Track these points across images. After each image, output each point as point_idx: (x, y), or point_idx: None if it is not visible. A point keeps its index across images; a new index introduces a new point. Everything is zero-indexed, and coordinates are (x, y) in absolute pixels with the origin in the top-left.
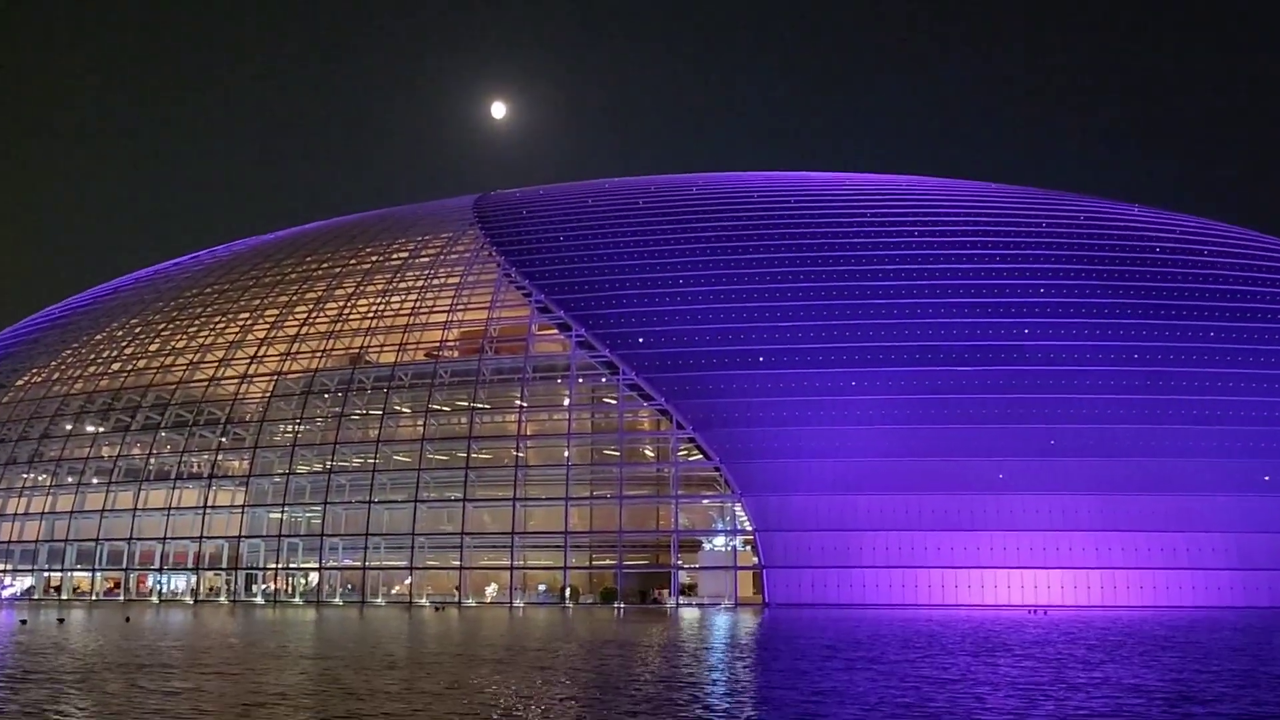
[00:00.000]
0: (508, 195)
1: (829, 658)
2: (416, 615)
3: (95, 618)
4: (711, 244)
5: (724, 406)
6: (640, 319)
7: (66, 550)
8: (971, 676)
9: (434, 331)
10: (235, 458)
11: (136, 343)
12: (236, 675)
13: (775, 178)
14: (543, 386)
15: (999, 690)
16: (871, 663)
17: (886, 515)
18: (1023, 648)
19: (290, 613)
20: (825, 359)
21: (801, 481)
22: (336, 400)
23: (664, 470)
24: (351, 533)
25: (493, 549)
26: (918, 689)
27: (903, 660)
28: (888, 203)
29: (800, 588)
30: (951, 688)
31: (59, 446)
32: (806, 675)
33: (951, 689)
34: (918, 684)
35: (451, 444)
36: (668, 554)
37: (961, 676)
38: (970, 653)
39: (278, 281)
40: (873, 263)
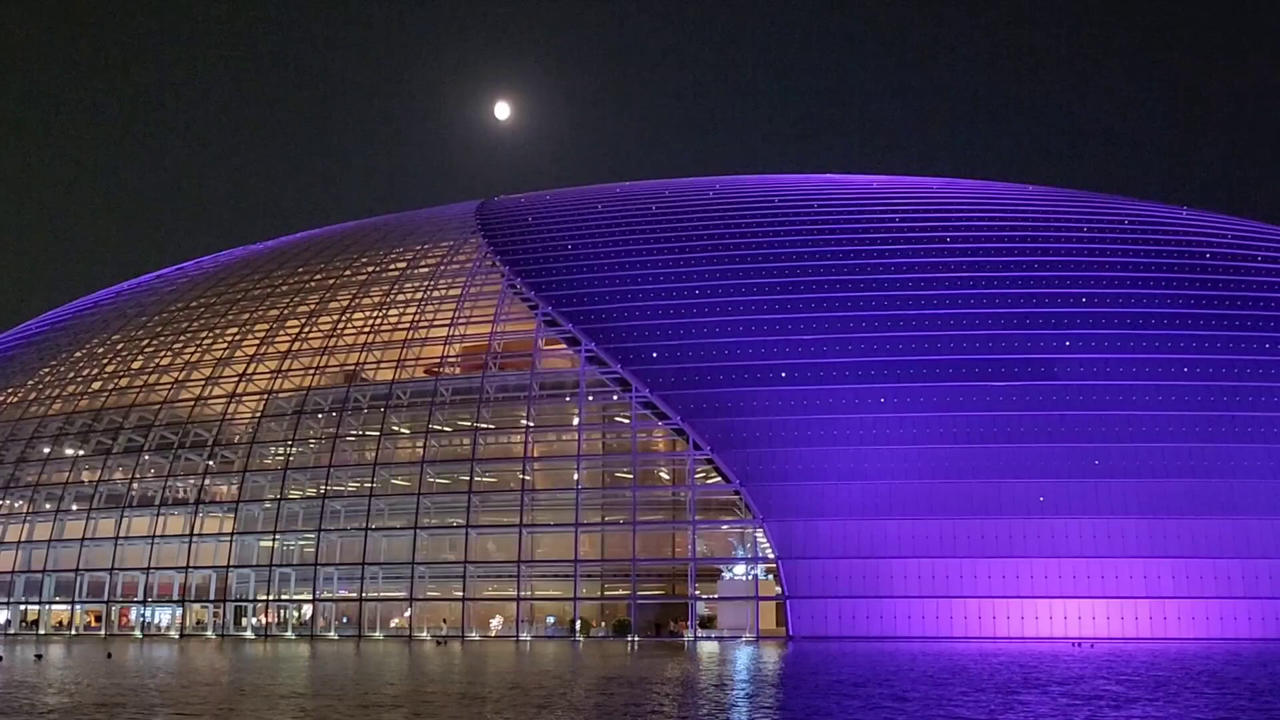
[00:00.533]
0: (512, 201)
1: (849, 695)
2: (417, 650)
3: (75, 654)
4: (731, 251)
5: (744, 425)
6: (654, 332)
7: (44, 581)
8: (1000, 718)
9: (434, 347)
10: (223, 482)
11: (119, 360)
12: (224, 716)
13: (798, 180)
14: (550, 405)
15: None
16: (897, 700)
17: (919, 541)
18: (1060, 684)
19: (282, 647)
20: (852, 374)
21: (828, 505)
22: (331, 420)
23: (680, 494)
24: (347, 561)
25: (498, 579)
26: None
27: (930, 698)
28: (918, 206)
29: (827, 620)
30: None
31: (36, 471)
32: (824, 715)
33: None
34: None
35: (453, 467)
36: (685, 584)
37: (988, 717)
38: (1003, 690)
39: (268, 294)
40: (902, 270)
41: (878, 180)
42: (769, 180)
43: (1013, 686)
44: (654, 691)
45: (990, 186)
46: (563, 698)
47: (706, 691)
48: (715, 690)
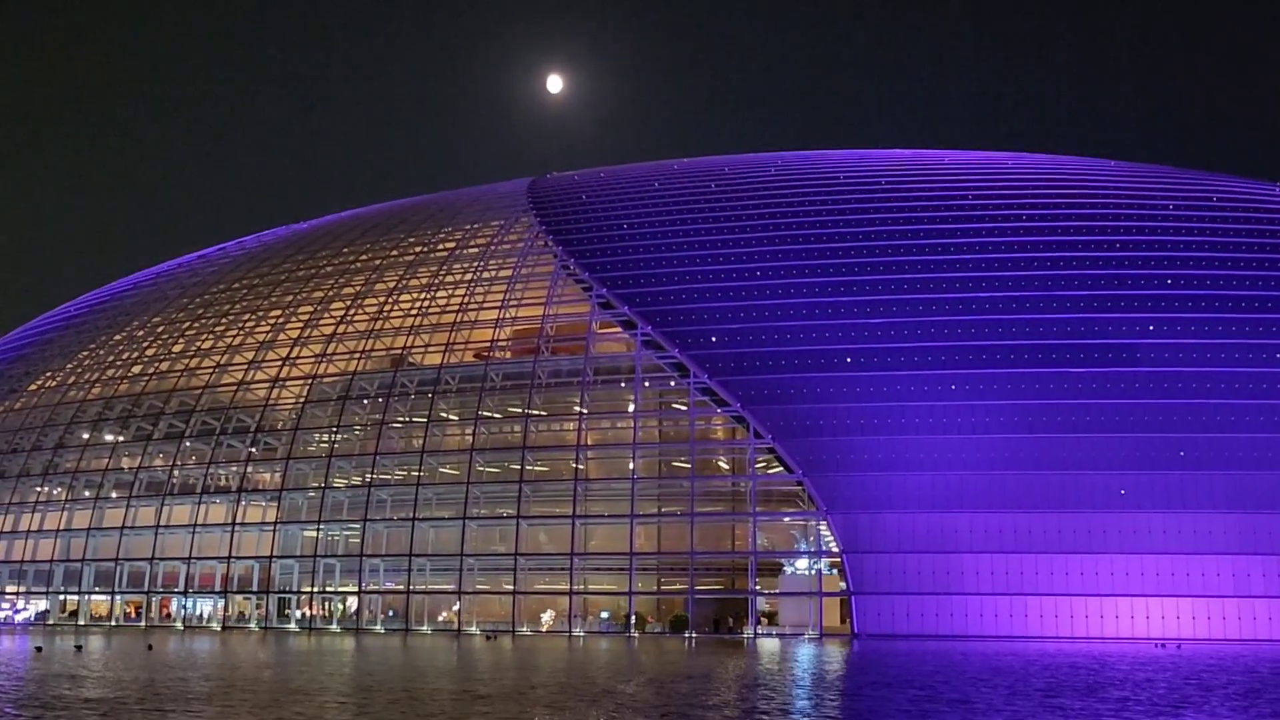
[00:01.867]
0: (565, 178)
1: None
2: (465, 645)
3: (115, 645)
4: (793, 231)
5: (807, 413)
6: (713, 316)
7: (84, 571)
8: None
9: (484, 330)
10: (266, 470)
11: (159, 343)
12: (266, 712)
13: (864, 156)
14: (605, 391)
15: None
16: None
17: (992, 535)
18: (1116, 687)
19: (326, 641)
20: (921, 359)
21: (895, 497)
22: (377, 406)
23: (740, 484)
24: (393, 553)
25: (550, 571)
26: None
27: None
28: (991, 182)
29: (894, 617)
30: None
31: (75, 457)
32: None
33: None
34: None
35: (504, 455)
36: (744, 578)
37: None
38: (1046, 692)
39: (313, 275)
40: (975, 250)
41: (949, 155)
42: (834, 156)
43: (1059, 689)
44: (713, 690)
45: (1068, 161)
46: (633, 696)
47: (768, 692)
48: (774, 693)
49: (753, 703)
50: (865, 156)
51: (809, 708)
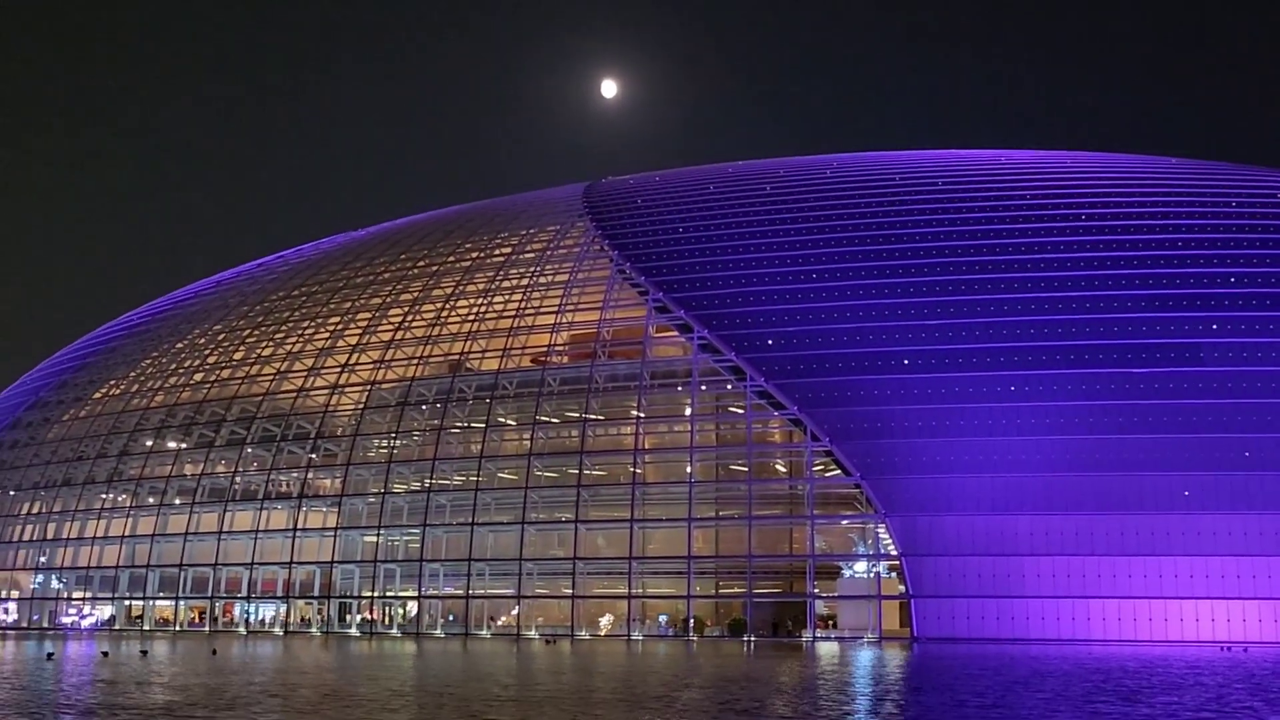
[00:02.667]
0: (620, 183)
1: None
2: (525, 649)
3: (179, 650)
4: (849, 233)
5: (865, 415)
6: (769, 319)
7: (148, 577)
8: None
9: (541, 335)
10: (326, 476)
11: (220, 351)
12: (333, 714)
13: (920, 156)
14: (662, 395)
15: None
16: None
17: (1053, 538)
18: (1163, 694)
19: (388, 645)
20: (980, 361)
21: (954, 500)
22: (435, 412)
23: (798, 487)
24: (453, 558)
25: (608, 575)
26: None
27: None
28: (1050, 182)
29: (954, 620)
30: None
31: (139, 464)
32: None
33: None
34: None
35: (562, 459)
36: (803, 581)
37: None
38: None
39: (370, 282)
40: (1032, 250)
41: (1006, 155)
42: (889, 157)
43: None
44: (775, 693)
45: (1127, 160)
46: (693, 701)
47: (833, 694)
48: (842, 693)
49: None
50: (921, 157)
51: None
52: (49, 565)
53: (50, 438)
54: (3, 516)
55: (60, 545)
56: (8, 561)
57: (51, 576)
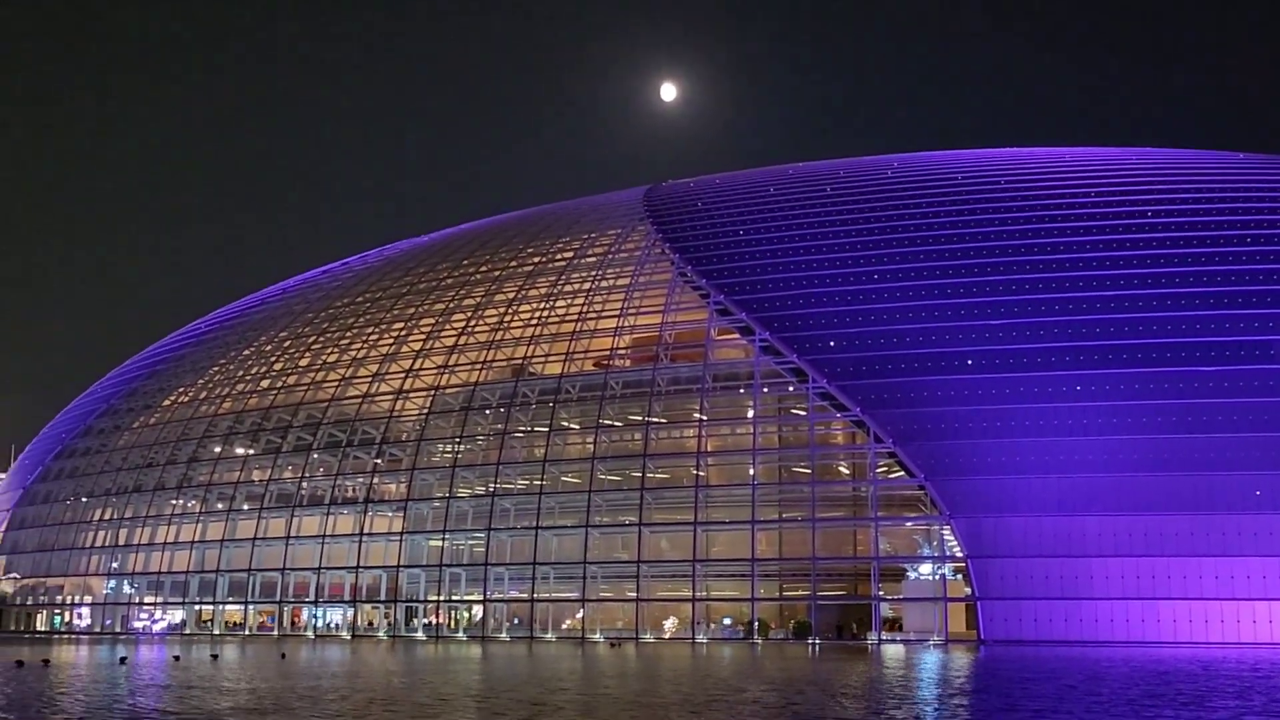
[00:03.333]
0: (680, 186)
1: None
2: (590, 652)
3: (249, 654)
4: (911, 233)
5: (928, 416)
6: (831, 320)
7: (218, 581)
8: None
9: (603, 339)
10: (392, 480)
11: (286, 358)
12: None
13: (983, 155)
14: (724, 397)
15: None
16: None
17: (1121, 539)
18: (1248, 696)
19: (454, 649)
20: (1045, 360)
21: (1021, 501)
22: (499, 416)
23: (861, 489)
24: (517, 561)
25: (672, 578)
26: None
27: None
28: (1113, 179)
29: (1021, 622)
30: None
31: (208, 471)
32: None
33: None
34: None
35: (625, 462)
36: (867, 584)
37: None
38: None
39: (433, 288)
40: (1099, 248)
41: (1070, 153)
42: (951, 156)
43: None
44: (841, 696)
45: (1193, 156)
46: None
47: (885, 696)
48: (894, 695)
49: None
50: (984, 156)
51: (881, 712)
52: (121, 570)
53: (121, 445)
54: (76, 523)
55: (131, 551)
56: (81, 567)
57: (123, 581)
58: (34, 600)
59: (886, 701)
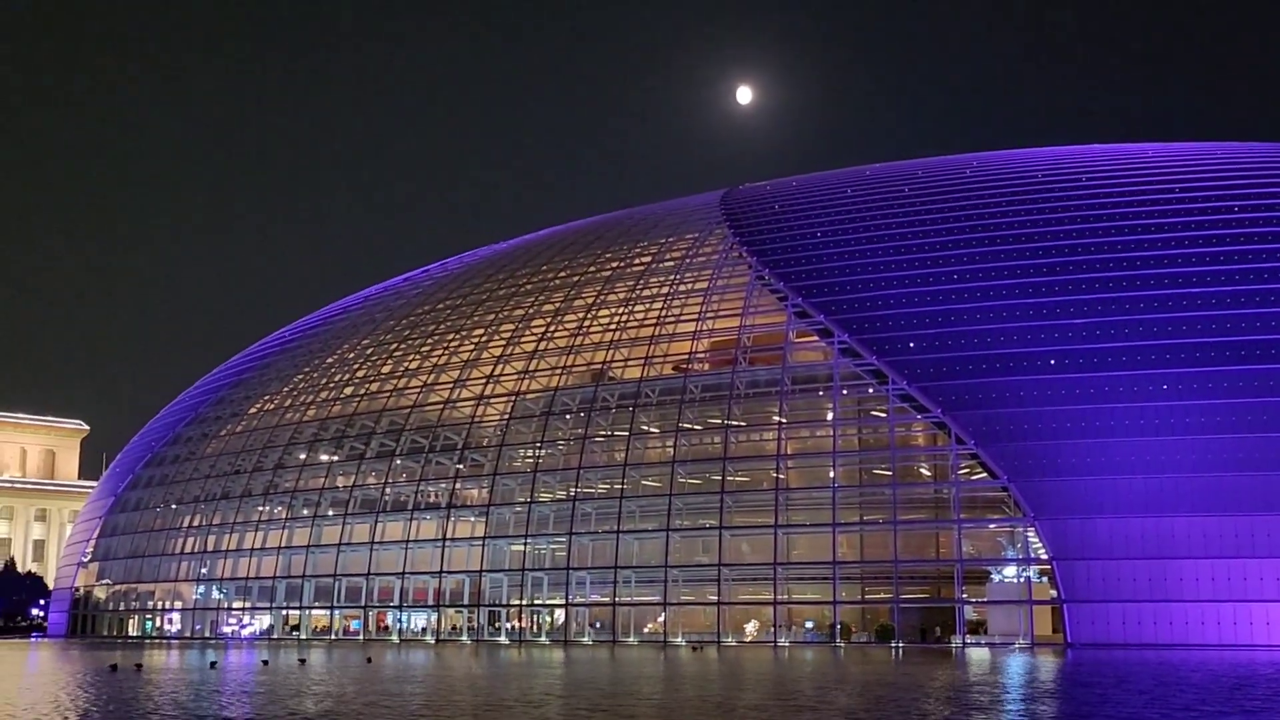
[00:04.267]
0: (757, 189)
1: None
2: (672, 655)
3: (335, 658)
4: (991, 232)
5: (1010, 417)
6: (910, 321)
7: (304, 587)
8: None
9: (682, 343)
10: (474, 486)
11: (368, 365)
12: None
13: (1064, 153)
14: (803, 400)
15: None
16: None
17: (1212, 540)
18: None
19: (537, 653)
20: (1130, 359)
21: (1107, 501)
22: (579, 421)
23: (943, 491)
24: (599, 565)
25: (753, 581)
26: None
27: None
28: (1202, 175)
29: (1109, 625)
30: None
31: (293, 477)
32: None
33: None
34: None
35: (705, 466)
36: (950, 586)
37: None
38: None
39: (513, 294)
40: (1184, 245)
41: (1153, 148)
42: (1030, 154)
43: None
44: (929, 700)
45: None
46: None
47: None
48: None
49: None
50: (1066, 154)
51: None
52: (209, 576)
53: (209, 452)
54: (166, 529)
55: (220, 557)
56: (171, 573)
57: (212, 587)
58: (126, 606)
59: (988, 705)
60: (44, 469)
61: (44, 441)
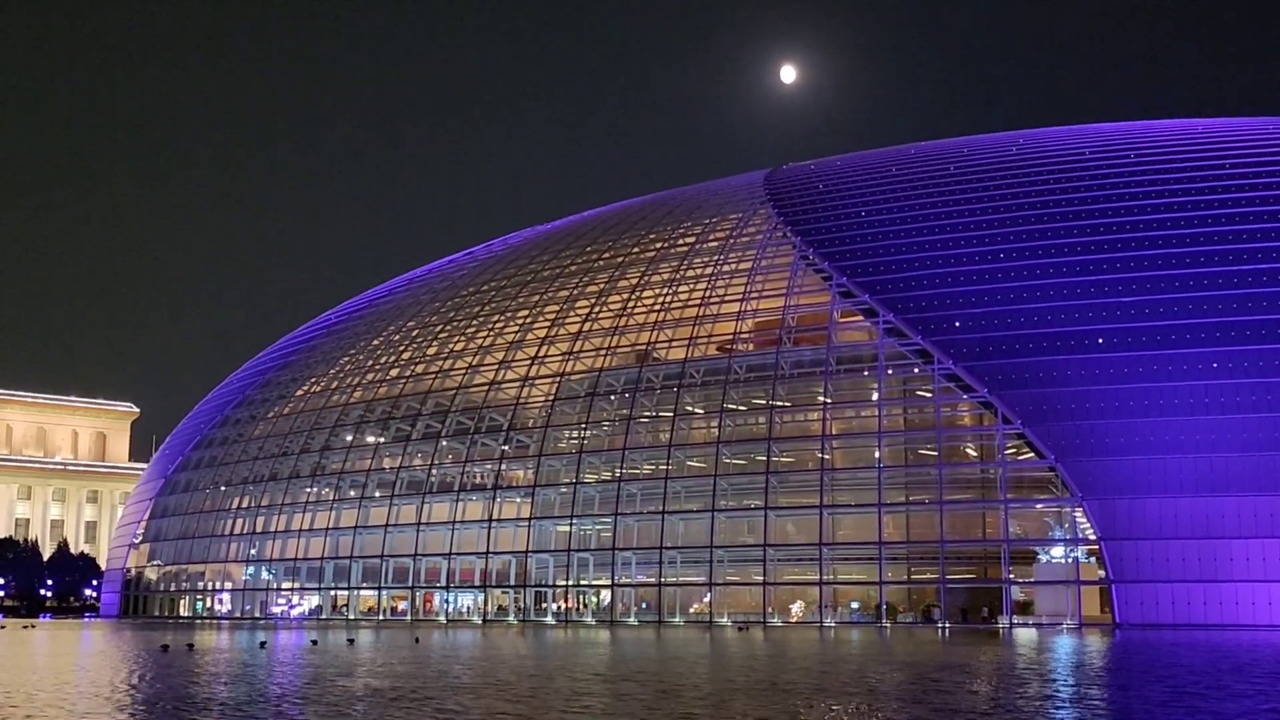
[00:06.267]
0: (801, 168)
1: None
2: (719, 636)
3: (383, 638)
4: (1038, 210)
5: (1057, 396)
6: (956, 300)
7: (351, 568)
8: None
9: (726, 323)
10: (519, 467)
11: (413, 347)
12: (535, 704)
13: (1112, 129)
14: (848, 380)
15: None
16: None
17: (1263, 520)
18: None
19: (583, 633)
20: (1179, 338)
21: (1155, 481)
22: (624, 402)
23: (990, 471)
24: (644, 546)
25: (798, 562)
26: None
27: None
28: (1249, 150)
29: (1158, 606)
30: None
31: (340, 459)
32: None
33: None
34: None
35: (750, 446)
36: (997, 567)
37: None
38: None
39: (557, 275)
40: (1233, 221)
41: (1203, 124)
42: (1077, 131)
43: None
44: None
45: None
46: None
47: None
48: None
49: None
50: (1113, 130)
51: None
52: (259, 557)
53: (257, 434)
54: (215, 511)
55: (268, 538)
56: (221, 554)
57: (261, 568)
58: (176, 586)
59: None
60: (95, 451)
61: (95, 424)
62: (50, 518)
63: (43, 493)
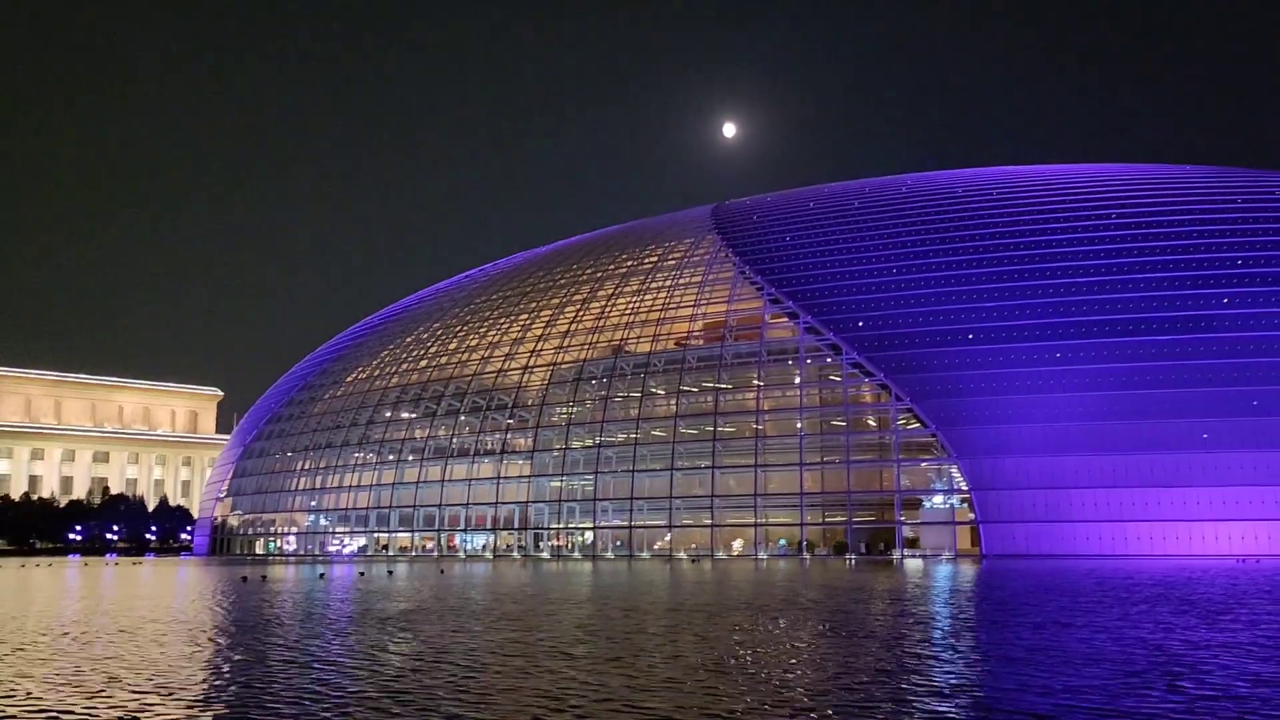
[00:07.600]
0: (740, 203)
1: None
2: (675, 566)
3: (415, 571)
4: (922, 234)
5: (938, 380)
6: (860, 305)
7: (390, 515)
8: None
9: (682, 324)
10: (521, 436)
11: (439, 343)
12: (536, 620)
13: (979, 173)
14: (776, 368)
15: None
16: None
17: (1094, 474)
18: (1212, 593)
19: (572, 566)
20: (1032, 333)
21: (1012, 445)
22: (603, 385)
23: (886, 438)
24: (619, 497)
25: (738, 509)
26: None
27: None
28: (1086, 189)
29: (1015, 540)
30: None
31: (381, 430)
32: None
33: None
34: None
35: (700, 419)
36: (892, 511)
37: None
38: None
39: (550, 287)
40: (1072, 244)
41: (1049, 169)
42: (954, 175)
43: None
44: (872, 601)
45: (1152, 169)
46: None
47: (899, 596)
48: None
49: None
50: (980, 174)
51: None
52: (318, 508)
53: (316, 411)
54: (284, 471)
55: (325, 493)
56: (288, 505)
57: (320, 516)
58: (253, 531)
59: (898, 592)
60: (189, 426)
61: (188, 405)
62: (154, 478)
63: (147, 459)
